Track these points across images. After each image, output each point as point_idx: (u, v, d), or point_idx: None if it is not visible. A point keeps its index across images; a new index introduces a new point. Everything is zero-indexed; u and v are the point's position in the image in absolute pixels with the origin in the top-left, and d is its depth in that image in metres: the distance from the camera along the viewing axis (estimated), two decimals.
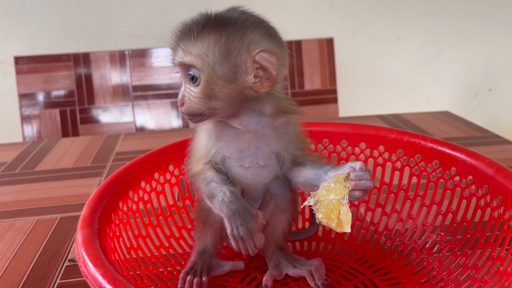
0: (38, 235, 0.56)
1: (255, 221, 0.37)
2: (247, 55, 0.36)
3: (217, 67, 0.36)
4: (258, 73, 0.36)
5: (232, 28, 0.36)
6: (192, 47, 0.36)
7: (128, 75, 1.36)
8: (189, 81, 0.37)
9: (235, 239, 0.36)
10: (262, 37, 0.37)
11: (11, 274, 0.48)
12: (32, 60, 1.31)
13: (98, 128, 1.34)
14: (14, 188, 0.70)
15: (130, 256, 0.40)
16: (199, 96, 0.37)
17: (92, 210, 0.35)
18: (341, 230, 0.36)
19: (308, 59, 1.49)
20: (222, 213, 0.37)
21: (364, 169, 0.36)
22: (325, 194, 0.36)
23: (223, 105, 0.37)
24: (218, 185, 0.39)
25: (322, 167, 0.39)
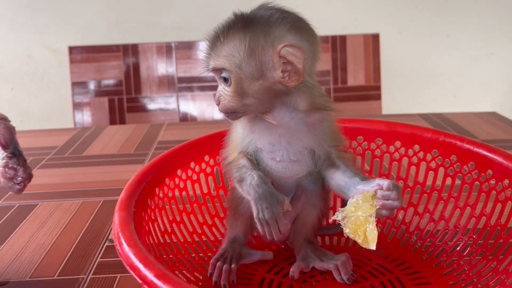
0: (82, 216, 0.60)
1: (281, 206, 0.38)
2: (272, 51, 0.37)
3: (244, 66, 0.37)
4: (286, 68, 0.37)
5: (256, 26, 0.37)
6: (221, 50, 0.38)
7: (174, 67, 1.40)
8: (223, 82, 0.39)
9: (260, 223, 0.37)
10: (287, 32, 0.37)
11: (56, 250, 0.52)
12: (85, 50, 1.37)
13: (144, 117, 1.39)
14: (63, 171, 0.75)
15: (164, 240, 0.42)
16: (231, 95, 0.38)
17: (129, 194, 0.37)
18: (366, 247, 0.37)
19: (352, 54, 1.47)
20: (249, 196, 0.39)
21: (392, 187, 0.37)
22: (353, 210, 0.37)
23: (255, 101, 0.38)
24: (248, 170, 0.40)
25: (353, 177, 0.40)
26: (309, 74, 0.39)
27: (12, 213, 0.61)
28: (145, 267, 0.27)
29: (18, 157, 0.34)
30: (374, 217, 0.37)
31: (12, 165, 0.34)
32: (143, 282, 0.27)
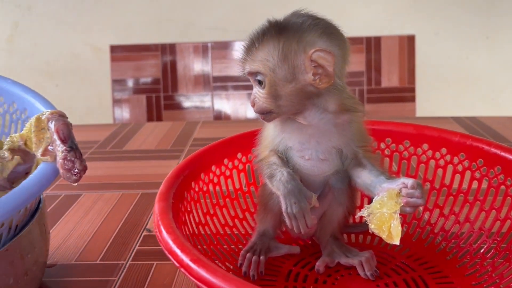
0: (122, 207, 0.64)
1: (309, 202, 0.40)
2: (304, 55, 0.39)
3: (278, 69, 0.40)
4: (317, 71, 0.39)
5: (289, 32, 0.40)
6: (256, 55, 0.40)
7: (209, 66, 1.44)
8: (257, 85, 0.41)
9: (288, 217, 0.40)
10: (318, 37, 0.40)
11: (99, 237, 0.56)
12: (125, 49, 1.43)
13: (179, 114, 1.44)
14: (104, 164, 0.79)
15: (198, 231, 0.45)
16: (266, 97, 0.41)
17: (168, 187, 0.40)
18: (391, 242, 0.38)
19: (386, 55, 1.47)
20: (279, 192, 0.41)
21: (416, 186, 0.38)
22: (378, 207, 0.39)
23: (287, 102, 0.41)
24: (278, 167, 0.43)
25: (379, 176, 0.42)
26: (339, 77, 0.41)
27: (58, 202, 0.66)
28: (182, 252, 0.30)
29: (75, 150, 0.38)
30: (398, 214, 0.38)
31: (70, 158, 0.37)
32: (180, 266, 0.30)
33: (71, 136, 0.38)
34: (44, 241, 0.44)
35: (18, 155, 0.40)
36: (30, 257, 0.40)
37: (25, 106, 0.47)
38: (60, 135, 0.37)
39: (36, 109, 0.46)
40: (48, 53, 1.67)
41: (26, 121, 0.47)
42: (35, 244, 0.41)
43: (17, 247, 0.38)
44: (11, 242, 0.38)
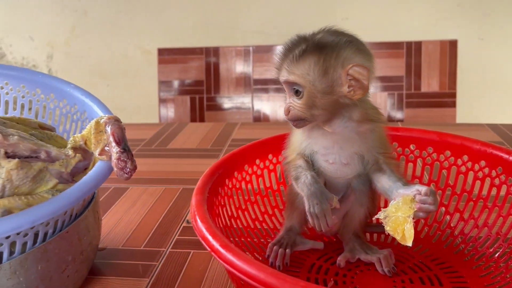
0: (164, 200, 0.70)
1: (330, 203, 0.44)
2: (342, 70, 0.43)
3: (317, 83, 0.44)
4: (352, 84, 0.43)
5: (328, 49, 0.43)
6: (295, 68, 0.44)
7: (250, 69, 1.49)
8: (293, 95, 0.46)
9: (311, 216, 0.44)
10: (354, 54, 0.44)
11: (143, 227, 0.62)
12: (172, 52, 1.51)
13: (221, 115, 1.50)
14: (149, 161, 0.86)
15: (230, 223, 0.50)
16: (302, 106, 0.45)
17: (204, 183, 0.45)
18: (404, 243, 0.42)
19: (427, 60, 1.46)
20: (303, 193, 0.45)
21: (429, 193, 0.42)
22: (393, 211, 0.43)
23: (322, 112, 0.45)
24: (303, 170, 0.47)
25: (396, 182, 0.45)
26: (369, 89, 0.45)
27: (108, 194, 0.73)
28: (213, 238, 0.35)
29: (127, 152, 0.44)
30: (411, 218, 0.42)
31: (124, 159, 0.43)
32: (211, 250, 0.35)
33: (125, 139, 0.44)
34: (97, 226, 0.50)
35: (79, 153, 0.46)
36: (86, 239, 0.47)
37: (84, 109, 0.54)
38: (115, 138, 0.43)
39: (94, 112, 0.52)
40: (101, 55, 1.78)
41: (85, 122, 0.53)
42: (89, 228, 0.48)
43: (76, 230, 0.45)
44: (71, 226, 0.44)
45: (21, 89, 0.58)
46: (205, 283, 0.50)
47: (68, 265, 0.44)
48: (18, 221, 0.36)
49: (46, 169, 0.44)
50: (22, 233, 0.39)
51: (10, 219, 0.37)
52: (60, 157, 0.45)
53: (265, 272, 0.31)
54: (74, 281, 0.46)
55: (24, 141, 0.43)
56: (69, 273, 0.44)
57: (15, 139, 0.43)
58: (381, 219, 0.44)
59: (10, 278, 0.39)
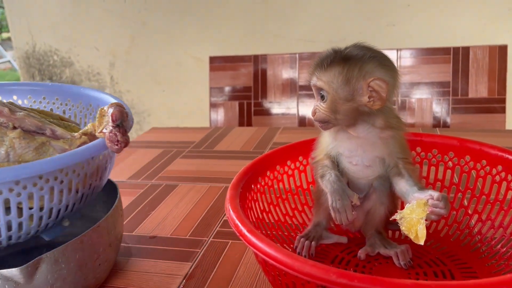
0: (209, 196, 0.78)
1: (350, 200, 0.50)
2: (363, 82, 0.49)
3: (340, 90, 0.50)
4: (372, 94, 0.49)
5: (352, 61, 0.49)
6: (323, 75, 0.50)
7: (296, 75, 1.55)
8: (319, 99, 0.52)
9: (333, 210, 0.50)
10: (376, 68, 0.49)
11: (189, 219, 0.70)
12: (222, 59, 1.61)
13: (267, 120, 1.57)
14: (197, 161, 0.95)
15: (262, 216, 0.57)
16: (326, 110, 0.51)
17: (239, 180, 0.52)
18: (417, 242, 0.47)
19: (475, 66, 1.46)
20: (326, 189, 0.51)
21: (441, 198, 0.46)
22: (408, 213, 0.48)
23: (343, 117, 0.51)
24: (329, 169, 0.53)
25: (413, 186, 0.50)
26: (389, 100, 0.50)
27: (160, 190, 0.82)
28: (242, 224, 0.42)
29: (120, 128, 0.49)
30: (424, 220, 0.47)
31: (115, 132, 0.49)
32: (239, 234, 0.42)
33: (122, 119, 0.49)
34: (121, 222, 0.58)
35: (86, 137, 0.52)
36: (113, 233, 0.54)
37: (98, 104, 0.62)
38: (113, 118, 0.49)
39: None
40: (157, 63, 1.91)
41: None
42: (116, 224, 0.55)
43: (105, 225, 0.52)
44: (101, 221, 0.52)
45: (55, 101, 0.67)
46: (240, 268, 0.57)
47: (99, 255, 0.51)
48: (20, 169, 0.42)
49: (49, 143, 0.50)
50: (38, 186, 0.45)
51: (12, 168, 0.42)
52: (65, 136, 0.51)
53: (281, 253, 0.37)
54: (104, 269, 0.54)
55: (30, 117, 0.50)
56: (100, 262, 0.52)
57: (21, 114, 0.49)
58: (397, 219, 0.49)
59: (54, 265, 0.47)
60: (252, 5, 1.75)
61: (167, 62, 1.89)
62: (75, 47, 1.98)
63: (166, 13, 1.84)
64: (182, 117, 1.93)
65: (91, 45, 1.95)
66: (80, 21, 1.93)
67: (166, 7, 1.83)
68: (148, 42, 1.89)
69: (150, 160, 0.96)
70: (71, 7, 1.91)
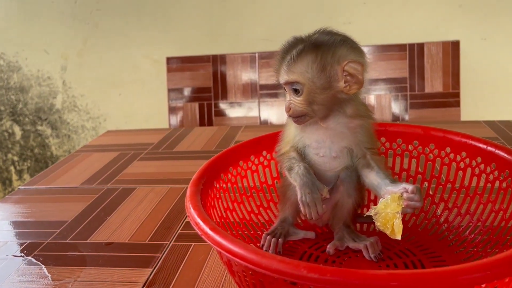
0: (169, 198, 0.74)
1: (320, 193, 0.48)
2: (338, 66, 0.47)
3: (316, 79, 0.47)
4: (347, 79, 0.47)
5: (324, 47, 0.47)
6: (295, 67, 0.48)
7: (256, 75, 1.53)
8: (293, 93, 0.49)
9: (302, 204, 0.47)
10: (348, 51, 0.47)
11: (149, 222, 0.66)
12: (180, 60, 1.56)
13: (228, 121, 1.54)
14: (157, 163, 0.90)
15: (226, 215, 0.54)
16: (302, 103, 0.48)
17: (200, 176, 0.49)
18: (393, 237, 0.46)
19: (430, 61, 1.49)
20: (295, 183, 0.49)
21: (416, 191, 0.45)
22: (383, 208, 0.46)
23: (320, 107, 0.48)
24: (297, 161, 0.50)
25: (384, 179, 0.49)
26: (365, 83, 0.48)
27: (117, 194, 0.77)
28: (204, 222, 0.39)
29: None
30: (400, 214, 0.45)
31: None
32: (202, 233, 0.39)
33: None
34: None
35: None
36: None
37: None
38: None
39: None
40: (113, 66, 1.84)
41: None
42: None
43: None
44: None
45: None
46: (204, 271, 0.53)
47: None
48: None
49: None
50: None
51: None
52: None
53: (247, 250, 0.34)
54: None
55: None
56: None
57: None
58: (372, 215, 0.47)
59: None
60: (209, 5, 1.72)
61: (122, 65, 1.83)
62: (23, 50, 1.88)
63: (120, 14, 1.78)
64: (141, 120, 1.87)
65: (40, 48, 1.86)
66: (27, 23, 1.83)
67: (120, 7, 1.77)
68: (102, 44, 1.82)
69: (106, 163, 0.91)
70: (17, 9, 1.82)
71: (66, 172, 0.89)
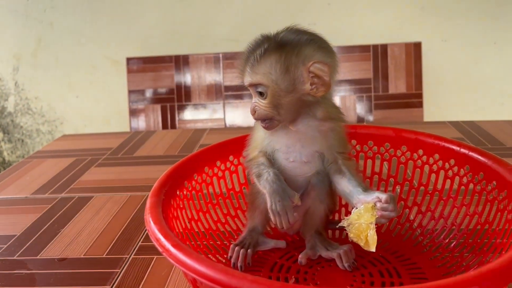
0: (129, 207, 0.69)
1: (291, 200, 0.45)
2: (303, 67, 0.44)
3: (279, 81, 0.44)
4: (314, 81, 0.44)
5: (289, 47, 0.44)
6: (258, 68, 0.44)
7: (221, 76, 1.50)
8: (258, 96, 0.46)
9: (273, 213, 0.44)
10: (314, 51, 0.44)
11: (107, 234, 0.61)
12: (141, 60, 1.50)
13: (193, 123, 1.50)
14: (116, 169, 0.85)
15: (190, 225, 0.50)
16: (267, 106, 0.45)
17: (161, 185, 0.45)
18: (367, 249, 0.44)
19: (393, 63, 1.50)
20: (265, 190, 0.45)
21: (390, 200, 0.42)
22: (356, 218, 0.44)
23: (286, 111, 0.45)
24: (266, 167, 0.47)
25: (356, 187, 0.46)
26: (333, 84, 0.46)
27: (72, 204, 0.71)
28: (165, 238, 0.35)
29: None
30: (374, 225, 0.43)
31: None
32: (163, 250, 0.35)
33: None
34: None
35: None
36: None
37: None
38: None
39: None
40: (69, 67, 1.75)
41: None
42: None
43: None
44: None
45: None
46: (168, 286, 0.49)
47: None
48: None
49: None
50: None
51: None
52: None
53: (214, 269, 0.31)
54: None
55: None
56: None
57: None
58: (345, 226, 0.44)
59: None
60: (171, 3, 1.67)
61: (80, 65, 1.74)
62: None
63: (76, 12, 1.70)
64: (100, 124, 1.79)
65: None
66: None
67: (75, 5, 1.69)
68: (57, 43, 1.73)
69: (60, 171, 0.85)
70: None
71: (15, 180, 0.82)
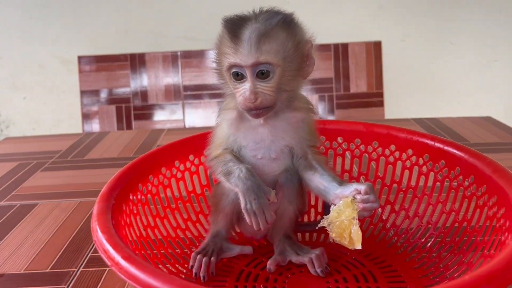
0: (79, 214, 0.63)
1: (267, 198, 0.40)
2: (307, 45, 0.41)
3: (291, 59, 0.40)
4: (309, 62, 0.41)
5: (294, 24, 0.40)
6: (266, 45, 0.38)
7: (179, 75, 1.44)
8: (258, 79, 0.39)
9: (248, 213, 0.39)
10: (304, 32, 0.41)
11: (52, 245, 0.55)
12: (94, 59, 1.42)
13: (150, 125, 1.43)
14: (64, 174, 0.78)
15: (146, 233, 0.45)
16: (273, 90, 0.40)
17: (111, 189, 0.40)
18: (353, 248, 0.39)
19: (354, 62, 1.49)
20: (237, 188, 0.40)
21: (369, 190, 0.39)
22: (336, 216, 0.40)
23: (286, 96, 0.41)
24: (236, 164, 0.42)
25: (331, 182, 0.42)
26: None
27: (13, 212, 0.64)
28: (114, 249, 0.30)
29: None
30: (356, 220, 0.39)
31: None
32: (112, 263, 0.30)
33: None
34: None
35: None
36: None
37: None
38: None
39: None
40: (14, 66, 1.64)
41: None
42: None
43: None
44: None
45: None
46: None
47: None
48: None
49: None
50: None
51: None
52: None
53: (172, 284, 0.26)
54: None
55: None
56: None
57: None
58: (325, 227, 0.40)
59: None
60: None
61: (26, 64, 1.63)
62: None
63: (21, 7, 1.59)
64: (50, 126, 1.68)
65: None
66: None
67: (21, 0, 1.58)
68: (1, 41, 1.61)
69: (0, 176, 0.77)
70: None
71: None
